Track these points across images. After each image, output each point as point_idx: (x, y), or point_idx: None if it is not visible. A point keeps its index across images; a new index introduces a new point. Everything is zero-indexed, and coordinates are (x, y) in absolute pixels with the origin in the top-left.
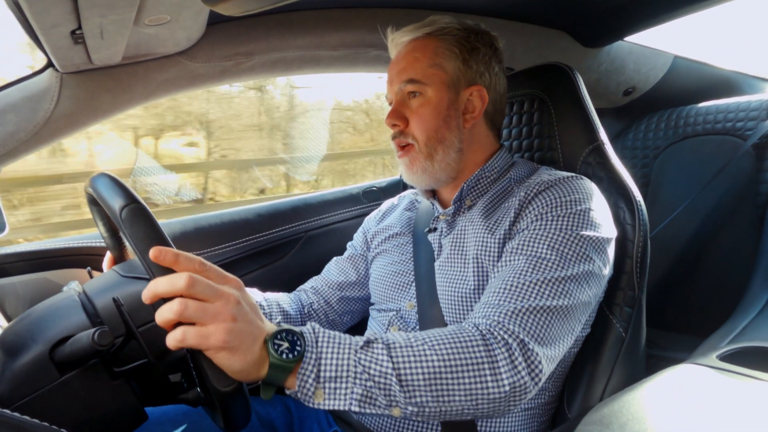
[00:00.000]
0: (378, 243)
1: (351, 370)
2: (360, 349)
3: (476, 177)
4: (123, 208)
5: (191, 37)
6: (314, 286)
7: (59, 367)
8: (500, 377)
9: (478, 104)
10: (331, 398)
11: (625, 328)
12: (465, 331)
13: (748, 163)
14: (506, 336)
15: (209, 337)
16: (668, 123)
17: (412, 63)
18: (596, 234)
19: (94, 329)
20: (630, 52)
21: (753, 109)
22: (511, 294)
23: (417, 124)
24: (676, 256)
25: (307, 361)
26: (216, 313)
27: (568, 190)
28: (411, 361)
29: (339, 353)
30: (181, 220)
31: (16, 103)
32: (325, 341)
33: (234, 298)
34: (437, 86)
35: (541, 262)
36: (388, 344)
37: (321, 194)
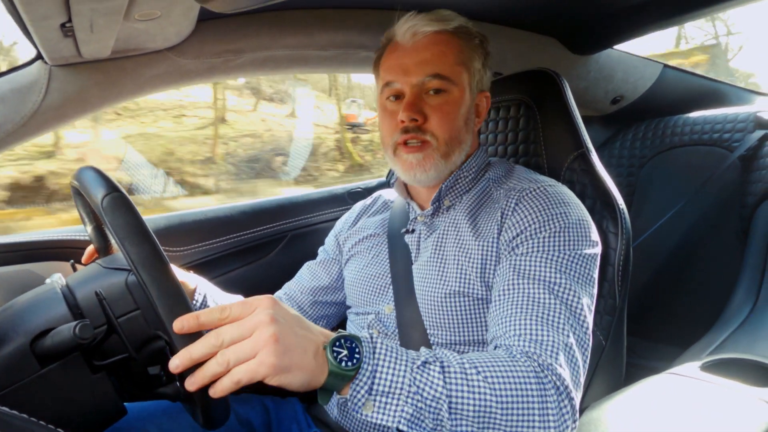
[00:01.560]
0: (351, 245)
1: (405, 388)
2: (417, 368)
3: (454, 177)
4: (104, 198)
5: (181, 33)
6: (287, 292)
7: (40, 359)
8: (548, 422)
9: (484, 109)
10: (380, 412)
11: (605, 336)
12: (519, 364)
13: (734, 174)
14: (556, 380)
15: (259, 368)
16: (655, 132)
17: (440, 57)
18: (592, 250)
19: (76, 322)
20: (619, 60)
21: (740, 120)
22: (544, 327)
23: (440, 122)
24: (659, 265)
25: (363, 371)
26: (255, 343)
27: (550, 201)
28: (464, 390)
29: (396, 368)
30: (166, 216)
31: (4, 94)
32: (383, 353)
33: (266, 320)
34: (463, 86)
35: (553, 287)
36: (443, 367)
37: (306, 194)
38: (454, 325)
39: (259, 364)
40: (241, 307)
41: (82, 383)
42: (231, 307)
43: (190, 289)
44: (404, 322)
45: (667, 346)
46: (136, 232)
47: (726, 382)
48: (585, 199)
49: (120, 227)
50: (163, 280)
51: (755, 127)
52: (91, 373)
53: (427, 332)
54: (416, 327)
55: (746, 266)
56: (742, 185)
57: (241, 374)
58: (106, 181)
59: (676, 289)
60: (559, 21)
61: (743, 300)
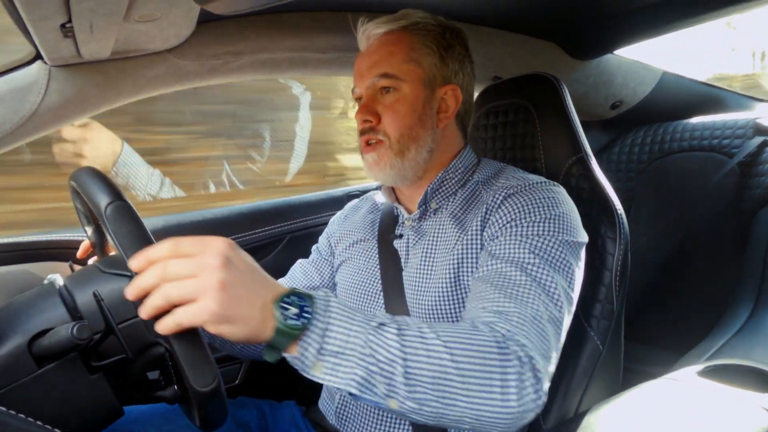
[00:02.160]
0: (343, 249)
1: (358, 349)
2: (372, 328)
3: (440, 179)
4: (108, 206)
5: (181, 35)
6: None
7: (37, 359)
8: (510, 395)
9: (452, 104)
10: (330, 374)
11: (603, 341)
12: (480, 333)
13: (733, 181)
14: (518, 350)
15: (201, 313)
16: (654, 138)
17: (387, 57)
18: (573, 239)
19: (73, 323)
20: (619, 65)
21: (740, 127)
22: (510, 301)
23: (390, 120)
24: (658, 271)
25: (312, 329)
26: (199, 285)
27: (538, 195)
28: (421, 354)
29: (349, 328)
30: (164, 217)
31: (3, 94)
32: (336, 312)
33: (217, 264)
34: (413, 82)
35: (525, 266)
36: (400, 329)
37: (304, 196)
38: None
39: (200, 308)
40: (194, 243)
41: (79, 384)
42: (184, 242)
43: None
44: None
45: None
46: (140, 241)
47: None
48: (583, 204)
49: (123, 236)
50: None
51: (754, 134)
52: (89, 373)
53: None
54: None
55: (744, 272)
56: (740, 191)
57: (182, 316)
58: (109, 189)
59: (674, 294)
60: (559, 25)
61: (741, 306)
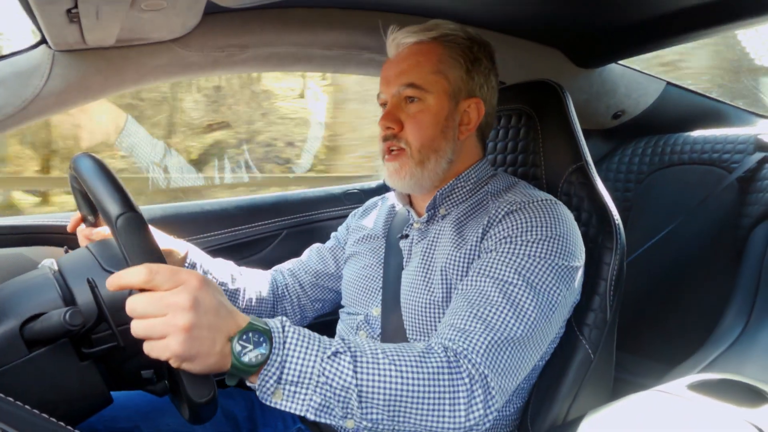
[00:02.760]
0: (353, 242)
1: (314, 378)
2: (327, 358)
3: (451, 186)
4: (119, 217)
5: (186, 25)
6: (291, 269)
7: (28, 343)
8: (458, 412)
9: (474, 117)
10: (289, 401)
11: (594, 350)
12: (432, 355)
13: (732, 195)
14: (471, 368)
15: (164, 351)
16: (655, 149)
17: (415, 67)
18: (565, 262)
19: (66, 309)
20: (622, 75)
21: (741, 142)
22: (478, 320)
23: (413, 130)
24: (652, 282)
25: (271, 363)
26: (166, 327)
27: (539, 213)
28: (374, 378)
29: (305, 358)
30: (162, 207)
31: (6, 77)
32: (293, 343)
33: (185, 305)
34: (438, 94)
35: (506, 287)
36: (355, 357)
37: (303, 192)
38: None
39: (164, 347)
40: (167, 278)
41: (69, 370)
42: (157, 274)
43: (179, 257)
44: (388, 327)
45: (655, 362)
46: (149, 257)
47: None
48: (581, 213)
49: (133, 248)
50: None
51: (755, 149)
52: (79, 360)
53: (408, 339)
54: (399, 333)
55: (739, 287)
56: (738, 206)
57: (150, 349)
58: (122, 197)
59: (667, 306)
60: (564, 33)
61: (734, 321)
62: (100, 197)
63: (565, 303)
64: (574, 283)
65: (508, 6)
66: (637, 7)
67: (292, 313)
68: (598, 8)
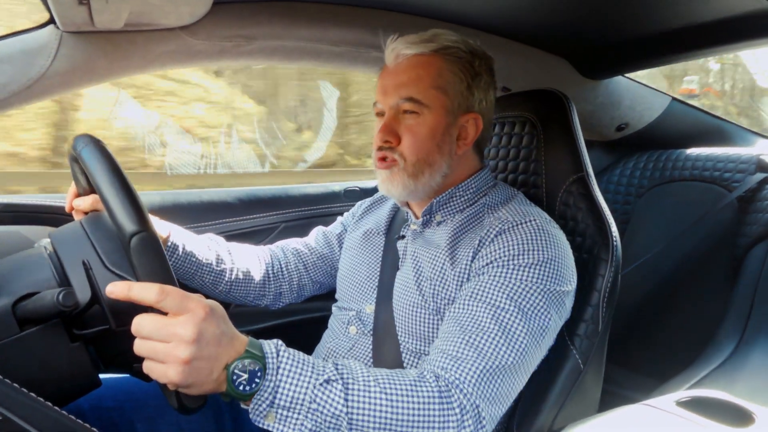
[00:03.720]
0: (354, 235)
1: (306, 404)
2: (319, 385)
3: (449, 194)
4: (133, 236)
5: (195, 13)
6: (296, 249)
7: (20, 321)
8: None
9: (472, 132)
10: (281, 424)
11: (584, 361)
12: (424, 383)
13: (731, 214)
14: (462, 398)
15: (163, 377)
16: (656, 164)
17: (415, 80)
18: (557, 287)
19: (60, 289)
20: (628, 88)
21: (743, 161)
22: (470, 348)
23: (409, 144)
24: (646, 297)
25: (264, 388)
26: (167, 354)
27: (532, 236)
28: (365, 407)
29: (298, 384)
30: (161, 193)
31: (13, 54)
32: (287, 370)
33: (188, 338)
34: (437, 110)
35: (498, 312)
36: (346, 385)
37: (302, 187)
38: (424, 336)
39: (163, 373)
40: (176, 303)
41: (59, 350)
42: (167, 297)
43: (162, 238)
44: (380, 325)
45: (645, 377)
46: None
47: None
48: (579, 223)
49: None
50: None
51: (756, 170)
52: (70, 341)
53: (398, 339)
54: (389, 332)
55: (732, 306)
56: (737, 226)
57: (149, 370)
58: (138, 214)
59: (660, 321)
60: (572, 43)
61: (726, 339)
62: (114, 211)
63: (555, 327)
64: (565, 307)
65: (519, 13)
66: (646, 21)
67: (289, 292)
68: (607, 20)
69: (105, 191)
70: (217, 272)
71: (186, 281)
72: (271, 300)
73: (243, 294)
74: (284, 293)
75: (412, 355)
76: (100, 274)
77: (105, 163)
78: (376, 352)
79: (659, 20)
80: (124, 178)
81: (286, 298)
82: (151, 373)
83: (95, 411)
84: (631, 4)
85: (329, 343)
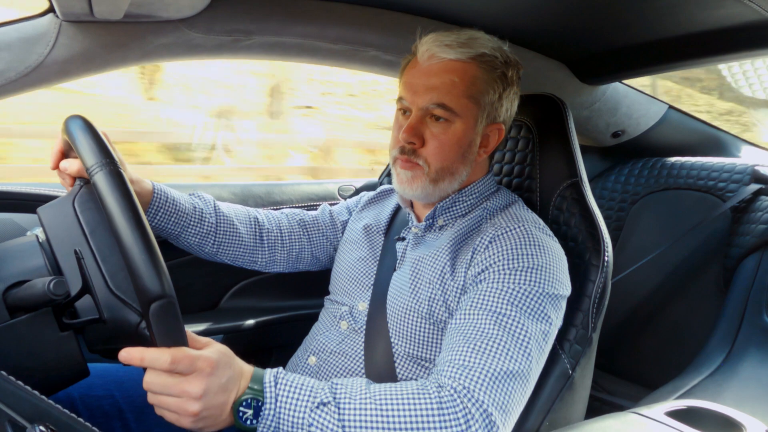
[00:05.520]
0: (354, 227)
1: (305, 427)
2: (315, 408)
3: (453, 199)
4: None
5: (195, 6)
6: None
7: (10, 309)
8: None
9: (494, 141)
10: None
11: (573, 366)
12: (423, 396)
13: (724, 224)
14: (470, 406)
15: (179, 422)
16: (651, 171)
17: (449, 86)
18: (554, 291)
19: (51, 278)
20: (625, 95)
21: (737, 172)
22: (476, 354)
23: (435, 151)
24: (636, 304)
25: (266, 416)
26: (178, 408)
27: (525, 240)
28: (359, 426)
29: (296, 410)
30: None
31: (11, 42)
32: (284, 397)
33: (196, 394)
34: (467, 119)
35: (501, 318)
36: (339, 406)
37: (297, 183)
38: (417, 340)
39: (176, 421)
40: (185, 367)
41: (48, 339)
42: (178, 364)
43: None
44: (373, 325)
45: (633, 384)
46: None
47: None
48: (571, 228)
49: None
50: None
51: (751, 181)
52: (59, 330)
53: (390, 341)
54: (382, 333)
55: (723, 316)
56: (729, 236)
57: (161, 413)
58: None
59: (649, 329)
60: (571, 48)
61: (716, 349)
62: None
63: (554, 332)
64: (562, 311)
65: (518, 17)
66: (646, 28)
67: (285, 260)
68: (607, 26)
69: (127, 244)
70: (202, 233)
71: (172, 241)
72: (264, 264)
73: (232, 255)
74: (279, 260)
75: (403, 358)
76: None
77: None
78: (368, 351)
79: (659, 28)
80: (146, 230)
81: (280, 265)
82: (173, 420)
83: (85, 399)
84: (632, 11)
85: (319, 336)
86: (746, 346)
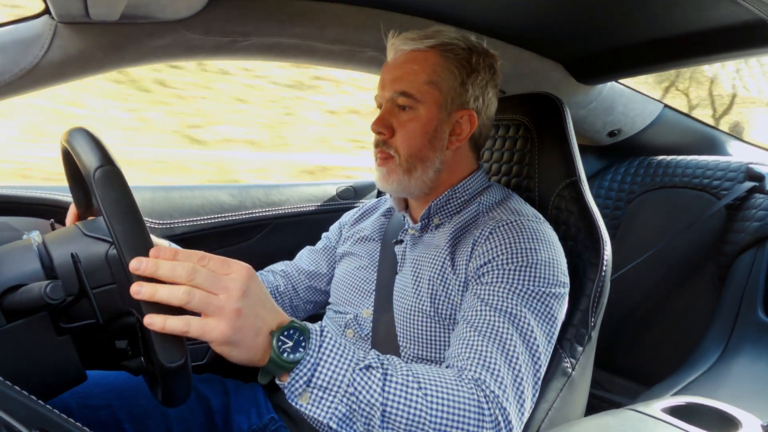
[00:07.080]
0: (349, 244)
1: (343, 387)
2: (359, 369)
3: (446, 197)
4: (97, 169)
5: (192, 7)
6: (284, 270)
7: (6, 314)
8: None
9: (466, 128)
10: (315, 405)
11: (573, 364)
12: (463, 388)
13: (719, 222)
14: (499, 413)
15: (212, 331)
16: (647, 170)
17: (409, 75)
18: (558, 291)
19: (47, 282)
20: (621, 94)
21: (732, 170)
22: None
23: (402, 138)
24: (633, 302)
25: (304, 363)
26: (219, 306)
27: (525, 234)
28: (401, 401)
29: (338, 365)
30: (151, 187)
31: (6, 44)
32: (329, 348)
33: (238, 291)
34: (430, 105)
35: (515, 319)
36: (385, 374)
37: (295, 184)
38: (425, 341)
39: (214, 327)
40: (221, 263)
41: (45, 343)
42: (214, 258)
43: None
44: (379, 330)
45: (630, 381)
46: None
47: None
48: (570, 228)
49: (111, 203)
50: None
51: (745, 178)
52: (56, 335)
53: (399, 344)
54: (389, 337)
55: (719, 313)
56: (724, 233)
57: (194, 327)
58: (101, 152)
59: (647, 326)
60: (567, 48)
61: (712, 346)
62: (79, 154)
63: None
64: (565, 307)
65: (515, 16)
66: (642, 27)
67: (315, 302)
68: (603, 26)
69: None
70: None
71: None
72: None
73: None
74: (306, 308)
75: (412, 361)
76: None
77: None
78: None
79: (655, 27)
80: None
81: (312, 305)
82: (196, 331)
83: (82, 409)
84: (628, 10)
85: None
86: (741, 343)
